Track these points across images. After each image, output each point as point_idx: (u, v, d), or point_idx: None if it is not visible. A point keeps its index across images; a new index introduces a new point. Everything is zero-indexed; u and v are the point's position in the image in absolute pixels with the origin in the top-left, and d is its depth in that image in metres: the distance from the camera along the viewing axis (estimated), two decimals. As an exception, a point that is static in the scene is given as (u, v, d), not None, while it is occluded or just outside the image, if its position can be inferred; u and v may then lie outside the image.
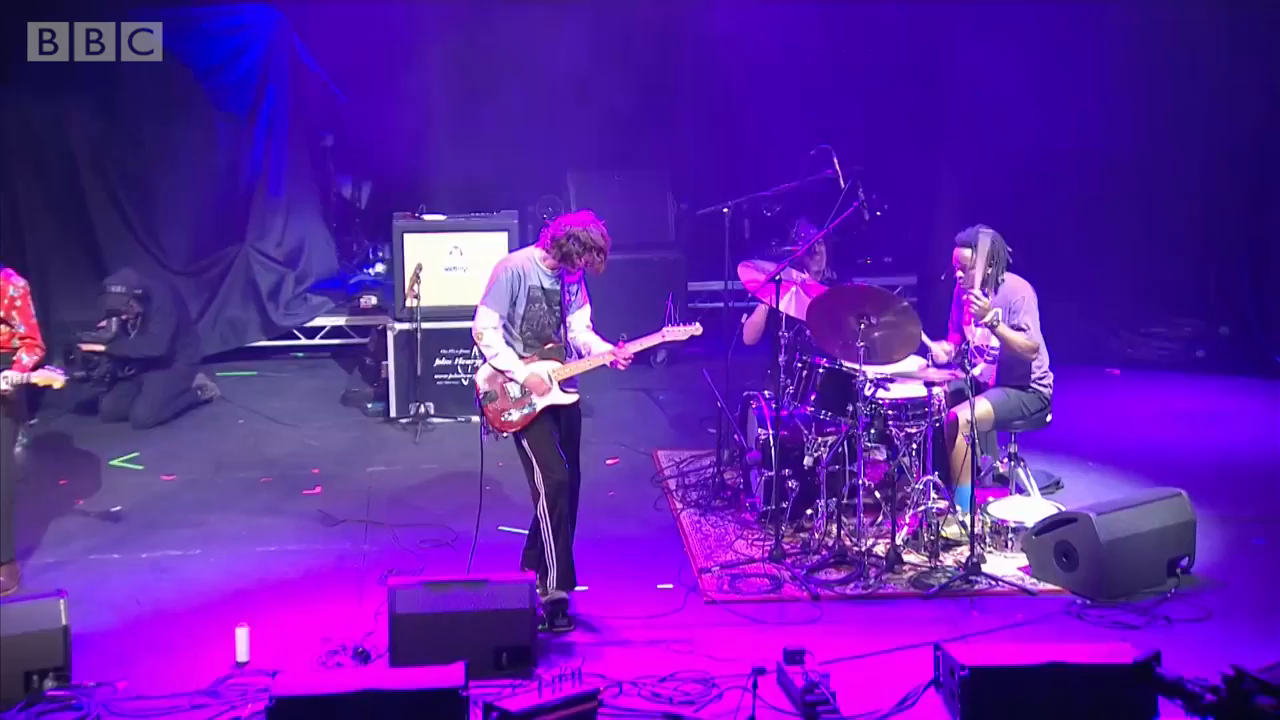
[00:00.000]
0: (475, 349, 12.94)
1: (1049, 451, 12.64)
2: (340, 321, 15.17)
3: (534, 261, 10.08)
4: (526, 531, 11.06)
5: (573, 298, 10.29)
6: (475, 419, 13.31)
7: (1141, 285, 13.16)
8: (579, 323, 10.30)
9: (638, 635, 10.14)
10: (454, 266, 13.83)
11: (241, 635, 9.63)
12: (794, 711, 9.06)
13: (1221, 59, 14.83)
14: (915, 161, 14.15)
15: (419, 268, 13.64)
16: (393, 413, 13.87)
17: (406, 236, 13.81)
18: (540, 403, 10.15)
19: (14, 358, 10.54)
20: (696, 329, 10.47)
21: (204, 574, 10.99)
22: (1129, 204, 14.33)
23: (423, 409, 13.73)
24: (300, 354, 15.12)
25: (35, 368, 10.59)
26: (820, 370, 11.36)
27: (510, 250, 13.82)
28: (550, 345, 10.19)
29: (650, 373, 14.58)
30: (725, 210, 12.47)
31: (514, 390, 10.14)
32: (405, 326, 13.74)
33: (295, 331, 15.18)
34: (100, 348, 13.36)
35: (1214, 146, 15.08)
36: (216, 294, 14.60)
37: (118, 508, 12.06)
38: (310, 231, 15.13)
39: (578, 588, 10.34)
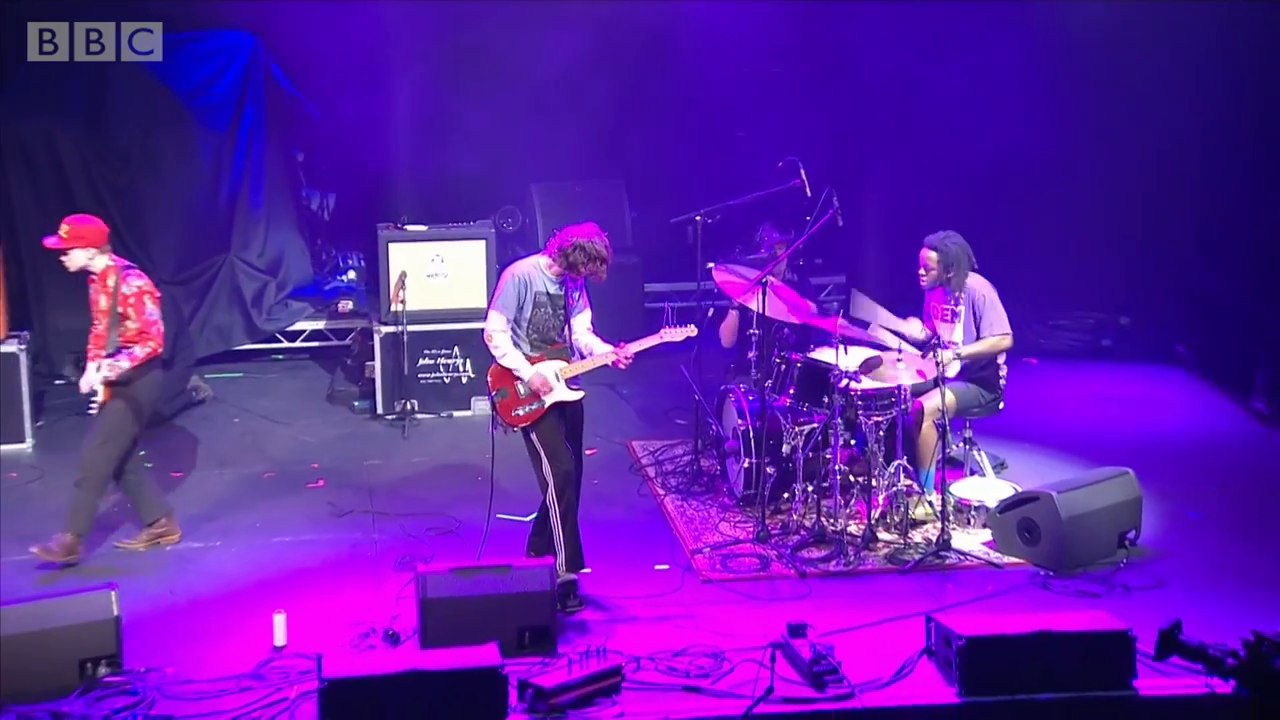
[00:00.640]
0: (456, 350, 13.12)
1: (989, 435, 12.67)
2: (320, 325, 15.17)
3: (540, 269, 10.19)
4: (523, 518, 11.16)
5: (575, 302, 10.36)
6: (456, 414, 13.54)
7: (1051, 281, 13.28)
8: (581, 325, 10.44)
9: (643, 613, 10.24)
10: (435, 273, 13.84)
11: (279, 621, 9.66)
12: (802, 681, 9.14)
13: (1138, 80, 14.94)
14: (843, 167, 14.07)
15: (403, 275, 13.66)
16: (379, 410, 13.86)
17: (390, 246, 13.84)
18: (548, 399, 10.18)
19: (128, 350, 10.72)
20: (692, 330, 10.66)
21: (227, 565, 11.00)
22: (1044, 207, 14.43)
23: (408, 406, 13.70)
24: (280, 356, 14.98)
25: (145, 360, 10.80)
26: (798, 365, 11.39)
27: (485, 258, 13.91)
28: (555, 346, 10.29)
29: (611, 369, 14.58)
30: (698, 218, 12.51)
31: (522, 389, 10.15)
32: (391, 329, 13.73)
33: (277, 335, 15.11)
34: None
35: (1123, 157, 15.24)
36: (204, 301, 14.56)
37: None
38: (288, 242, 15.14)
39: (583, 570, 10.36)
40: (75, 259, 10.92)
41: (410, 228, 14.03)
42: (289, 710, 8.86)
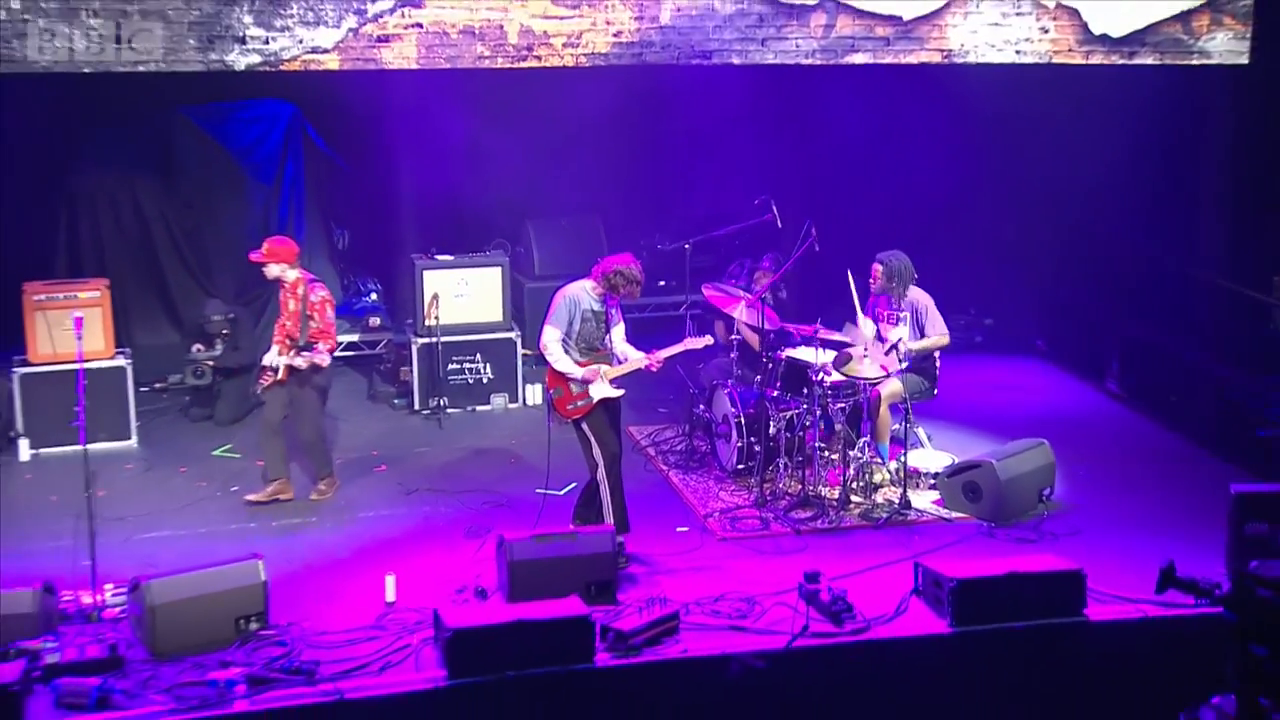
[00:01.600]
0: (478, 356, 12.97)
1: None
2: (354, 338, 14.92)
3: (586, 291, 10.26)
4: (559, 492, 11.15)
5: (613, 317, 10.48)
6: (479, 409, 13.41)
7: (934, 290, 13.30)
8: (618, 335, 10.54)
9: (678, 566, 10.24)
10: (461, 294, 13.70)
11: (390, 581, 9.62)
12: (823, 619, 9.13)
13: (1023, 136, 15.00)
14: (805, 203, 13.98)
15: (435, 295, 13.50)
16: (416, 406, 13.67)
17: (425, 272, 13.64)
18: (595, 396, 10.17)
19: (314, 345, 11.23)
20: (709, 339, 10.86)
21: (325, 537, 10.87)
22: (943, 234, 14.45)
23: (441, 402, 13.50)
24: None
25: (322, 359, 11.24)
26: (782, 362, 11.39)
27: (501, 281, 13.86)
28: (598, 353, 10.39)
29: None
30: (686, 246, 12.41)
31: (575, 387, 10.11)
32: (425, 340, 13.56)
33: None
34: (211, 362, 13.16)
35: (1003, 194, 15.32)
36: (260, 319, 14.20)
37: (235, 488, 11.73)
38: (324, 270, 14.87)
39: (626, 533, 10.30)
40: (271, 270, 11.30)
41: (440, 257, 13.86)
42: (414, 655, 8.80)
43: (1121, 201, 14.36)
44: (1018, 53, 13.66)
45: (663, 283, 15.24)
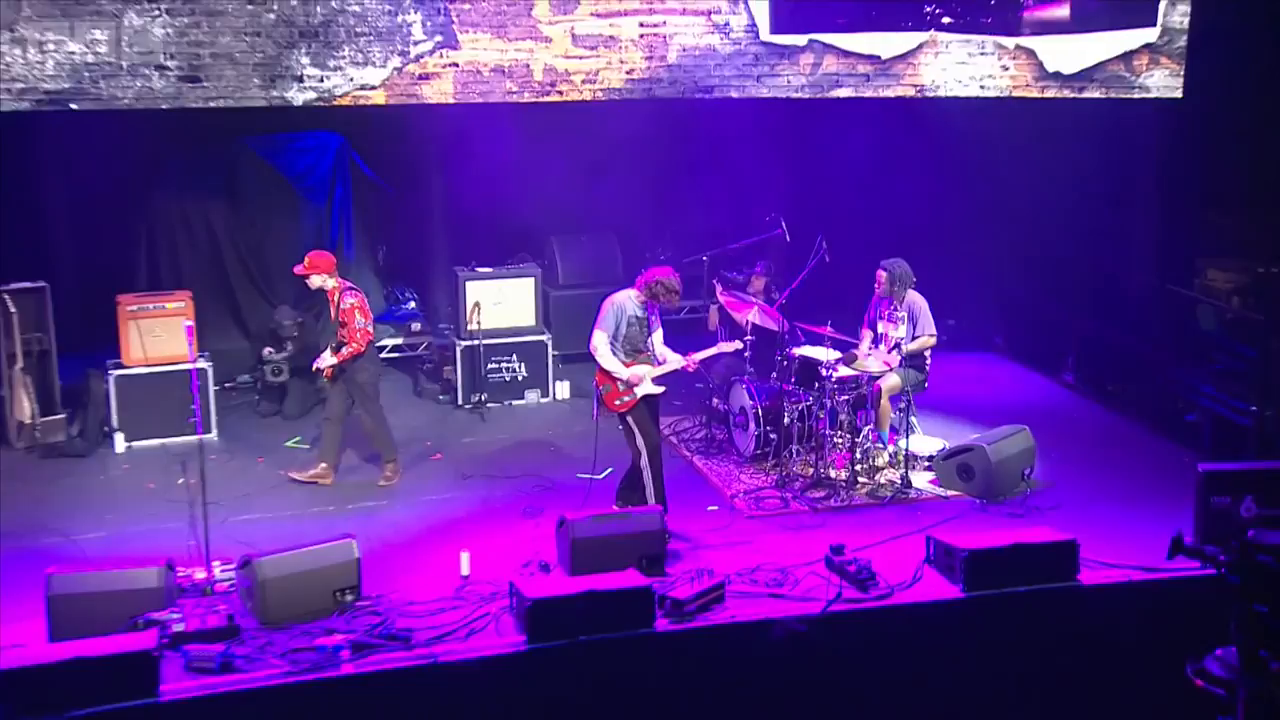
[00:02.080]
0: (514, 356, 12.90)
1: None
2: (398, 341, 14.79)
3: (630, 299, 10.24)
4: (598, 477, 11.11)
5: (654, 323, 10.41)
6: (515, 403, 13.39)
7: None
8: (658, 339, 10.53)
9: (713, 541, 10.20)
10: (499, 302, 13.61)
11: (464, 557, 9.59)
12: (850, 586, 9.16)
13: (994, 161, 14.85)
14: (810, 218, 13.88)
15: (477, 303, 13.40)
16: (459, 401, 13.56)
17: (468, 283, 13.55)
18: (639, 392, 10.16)
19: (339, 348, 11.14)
20: (739, 344, 10.79)
21: (398, 518, 10.77)
22: (921, 245, 14.18)
23: (482, 397, 13.42)
24: None
25: (349, 356, 11.15)
26: (797, 360, 11.37)
27: (534, 291, 13.83)
28: (641, 355, 10.38)
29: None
30: (705, 259, 12.37)
31: (620, 385, 10.12)
32: (468, 343, 13.46)
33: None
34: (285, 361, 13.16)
35: (970, 210, 15.19)
36: (318, 326, 13.96)
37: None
38: (370, 282, 14.88)
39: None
40: (313, 281, 11.20)
41: (480, 269, 13.77)
42: (493, 622, 8.78)
43: (1072, 214, 14.34)
44: (982, 87, 13.72)
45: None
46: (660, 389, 10.29)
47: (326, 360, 11.13)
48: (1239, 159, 13.30)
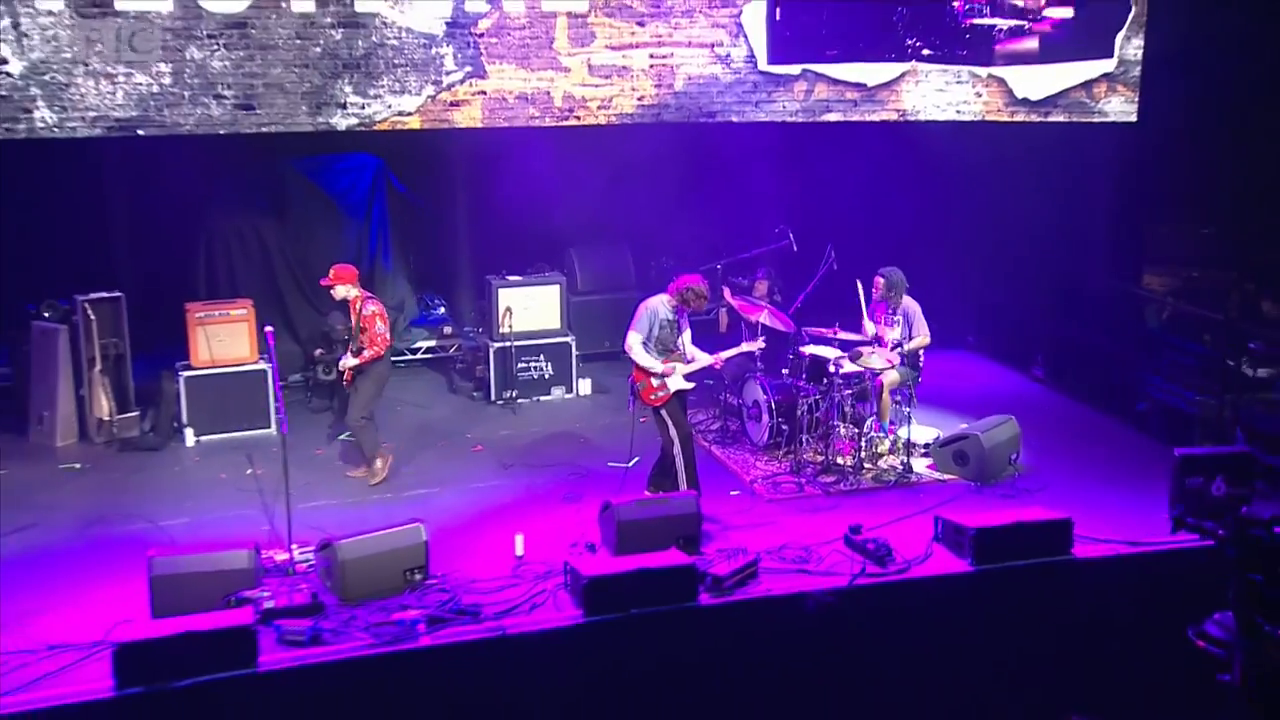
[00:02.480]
0: (541, 356, 12.84)
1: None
2: (431, 343, 14.77)
3: (663, 304, 10.21)
4: (627, 465, 11.07)
5: (683, 325, 10.33)
6: (543, 399, 13.35)
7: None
8: (686, 340, 10.52)
9: (739, 523, 10.13)
10: (527, 307, 13.53)
11: (519, 539, 9.55)
12: (869, 562, 9.18)
13: (971, 178, 14.77)
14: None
15: (509, 309, 13.35)
16: (491, 397, 13.46)
17: (500, 290, 13.48)
18: (672, 388, 10.11)
19: (360, 351, 10.93)
20: (761, 343, 10.69)
21: (451, 504, 10.63)
22: (907, 253, 14.09)
23: (513, 394, 13.35)
24: (401, 364, 14.41)
25: (370, 360, 10.95)
26: (807, 357, 11.36)
27: (559, 296, 13.77)
28: (672, 354, 10.33)
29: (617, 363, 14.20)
30: (719, 268, 12.34)
31: (655, 381, 10.06)
32: (500, 344, 13.39)
33: (405, 350, 14.57)
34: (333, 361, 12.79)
35: (940, 216, 15.07)
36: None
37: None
38: (406, 290, 14.88)
39: (694, 498, 10.19)
40: (338, 291, 11.10)
41: (510, 277, 13.69)
42: (550, 598, 8.75)
43: (1037, 225, 14.33)
44: (958, 112, 13.78)
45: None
46: (690, 384, 10.29)
47: (349, 362, 10.94)
48: (1184, 177, 13.36)
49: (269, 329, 9.89)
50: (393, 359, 14.27)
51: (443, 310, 15.03)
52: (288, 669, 7.83)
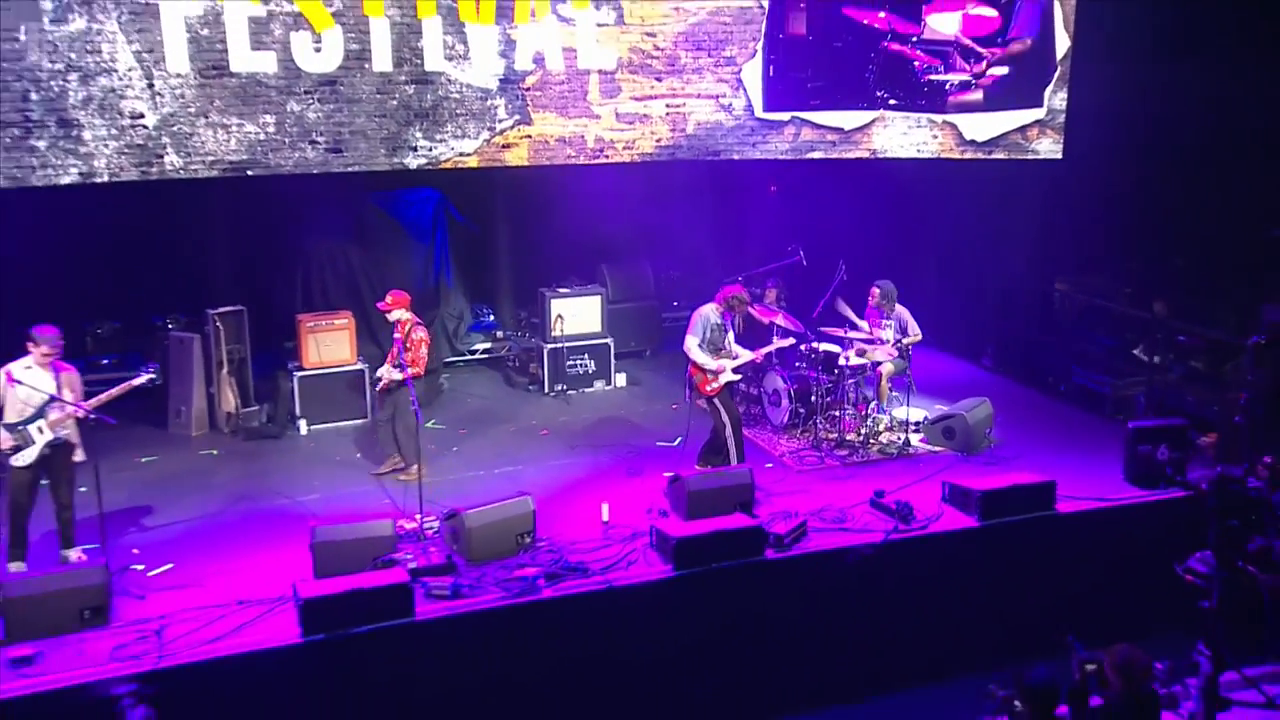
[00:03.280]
0: (586, 355, 12.80)
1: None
2: (487, 345, 14.66)
3: (712, 310, 10.29)
4: (673, 444, 11.06)
5: (730, 328, 10.26)
6: (587, 390, 13.34)
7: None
8: (730, 340, 10.41)
9: (779, 490, 10.12)
10: (575, 314, 13.47)
11: (605, 507, 9.54)
12: (893, 520, 9.24)
13: (924, 201, 14.75)
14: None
15: (559, 316, 13.31)
16: (545, 390, 13.37)
17: (552, 300, 13.41)
18: (723, 380, 10.14)
19: (406, 367, 10.23)
20: (792, 340, 10.65)
21: (537, 478, 10.51)
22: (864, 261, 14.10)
23: (564, 387, 13.32)
24: (460, 363, 14.34)
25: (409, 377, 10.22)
26: (819, 352, 11.38)
27: (600, 305, 13.71)
28: (721, 351, 10.26)
29: (642, 360, 14.24)
30: (739, 279, 12.31)
31: (709, 375, 10.11)
32: (552, 345, 13.33)
33: (465, 352, 14.47)
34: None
35: (903, 235, 14.87)
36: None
37: (455, 449, 11.40)
38: (464, 302, 14.64)
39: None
40: (394, 314, 10.56)
41: (560, 289, 13.61)
42: (641, 556, 8.77)
43: (983, 241, 14.31)
44: (918, 150, 13.85)
45: (676, 303, 15.24)
46: (738, 376, 10.32)
47: (390, 374, 10.41)
48: (1099, 202, 13.50)
49: (397, 336, 9.80)
50: (456, 359, 14.37)
51: (492, 318, 14.94)
52: (438, 618, 7.86)
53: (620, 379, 13.61)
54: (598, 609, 8.19)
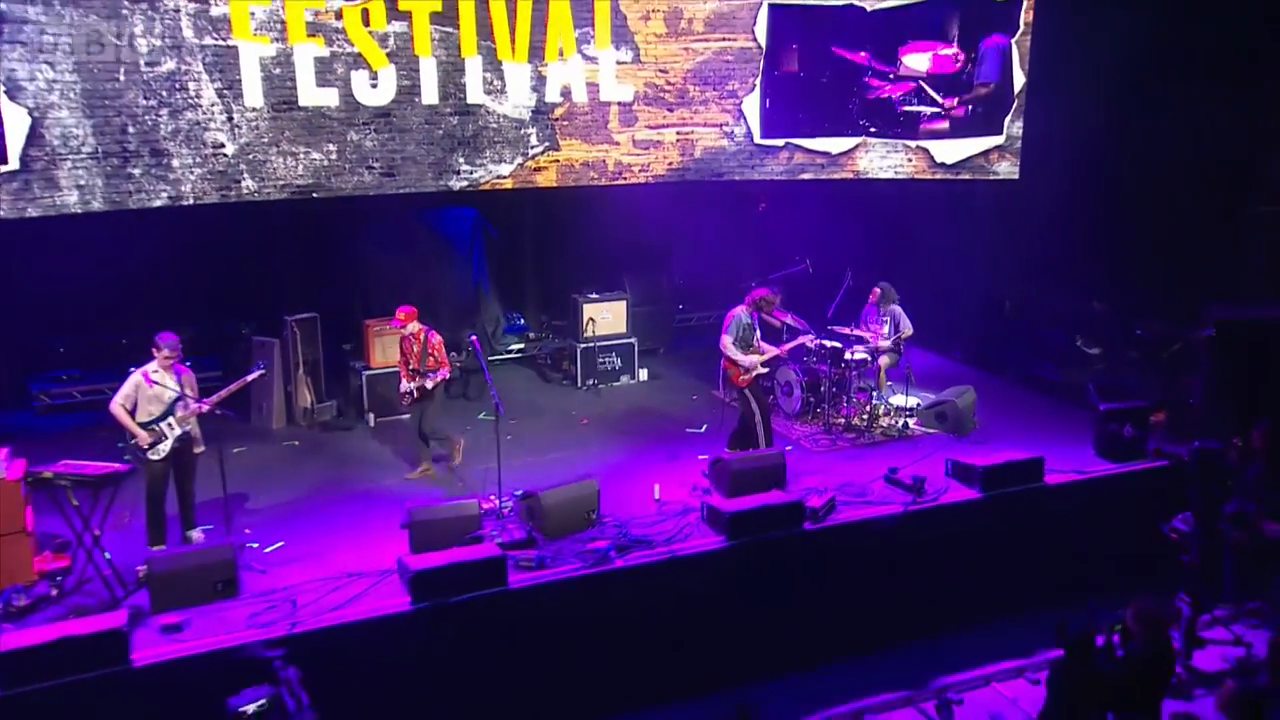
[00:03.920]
0: (613, 353, 12.78)
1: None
2: (520, 346, 14.59)
3: (743, 312, 10.38)
4: (700, 430, 11.06)
5: (758, 327, 10.25)
6: (615, 384, 13.18)
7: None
8: (757, 337, 10.32)
9: (802, 469, 10.09)
10: (605, 316, 13.48)
11: (656, 487, 9.52)
12: (907, 492, 9.32)
13: (901, 216, 14.74)
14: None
15: (591, 319, 13.33)
16: (578, 384, 13.37)
17: (584, 305, 13.41)
18: (752, 373, 10.12)
19: (433, 374, 10.09)
20: (813, 336, 10.66)
21: (587, 462, 10.40)
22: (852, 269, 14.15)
23: (595, 382, 13.34)
24: (499, 361, 14.31)
25: (441, 381, 10.24)
26: (827, 347, 11.42)
27: (626, 309, 13.68)
28: (751, 348, 10.27)
29: (656, 357, 14.15)
30: (754, 285, 12.37)
31: (741, 369, 10.14)
32: (585, 345, 13.35)
33: (502, 351, 14.37)
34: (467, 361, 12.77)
35: (884, 246, 14.68)
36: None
37: (509, 437, 11.07)
38: (495, 310, 14.60)
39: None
40: (409, 327, 10.30)
41: (591, 295, 13.58)
42: (694, 530, 8.79)
43: (951, 249, 14.36)
44: (895, 172, 13.97)
45: (681, 306, 15.25)
46: (765, 369, 10.35)
47: (422, 382, 10.10)
48: (1049, 215, 13.62)
49: (474, 337, 9.77)
50: (494, 358, 14.33)
51: (522, 321, 14.91)
52: (527, 587, 7.90)
53: (643, 374, 13.64)
54: (662, 576, 8.28)
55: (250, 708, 5.53)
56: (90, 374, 12.05)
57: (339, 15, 11.28)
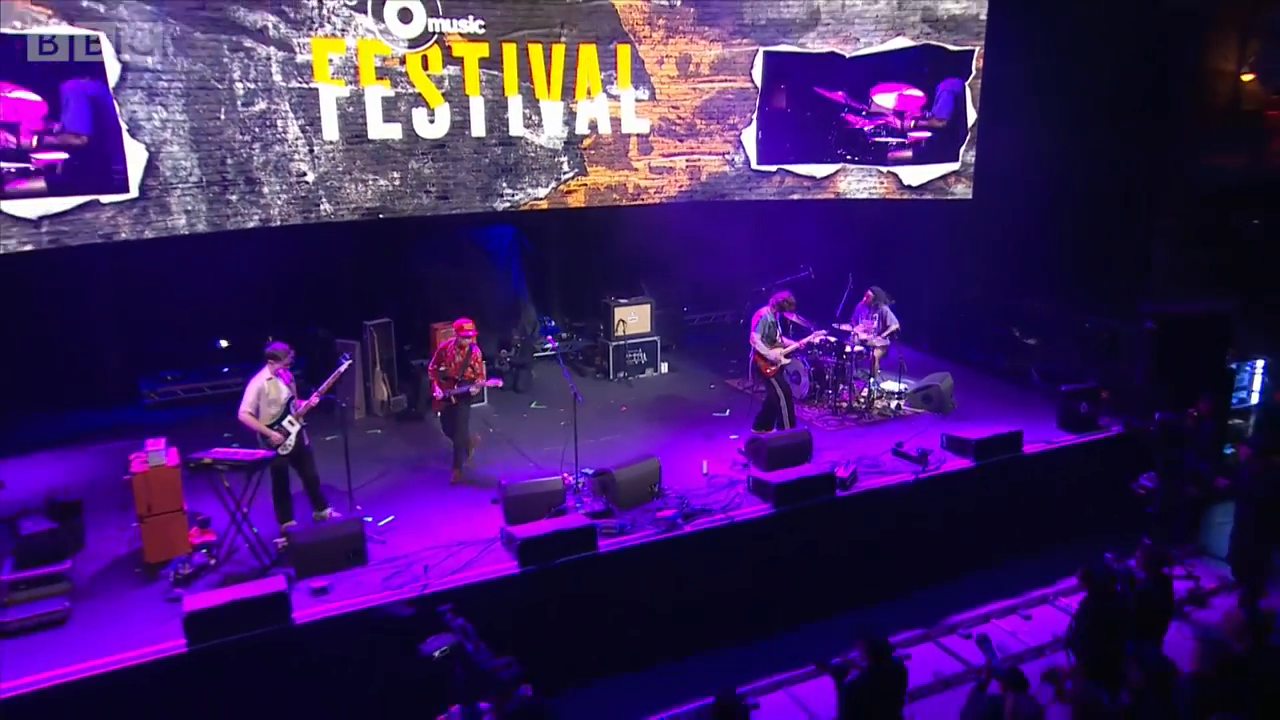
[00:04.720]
0: (640, 349, 12.73)
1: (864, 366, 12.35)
2: (556, 344, 14.24)
3: (768, 312, 10.23)
4: (724, 414, 11.04)
5: (780, 325, 10.28)
6: (642, 376, 13.15)
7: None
8: (780, 334, 10.32)
9: (818, 446, 9.95)
10: (633, 318, 13.48)
11: (704, 463, 9.54)
12: (913, 462, 9.50)
13: (876, 231, 14.55)
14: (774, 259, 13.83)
15: (621, 320, 13.30)
16: (610, 376, 13.34)
17: (615, 309, 13.38)
18: (778, 366, 10.14)
19: (471, 382, 9.58)
20: (825, 333, 10.68)
21: (636, 445, 10.30)
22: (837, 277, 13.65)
23: (625, 374, 13.34)
24: (539, 358, 14.13)
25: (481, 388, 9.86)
26: (832, 339, 11.50)
27: (650, 311, 13.63)
28: (775, 344, 10.18)
29: (670, 353, 13.98)
30: (764, 289, 12.43)
31: (769, 362, 10.11)
32: (616, 343, 13.33)
33: (538, 349, 14.20)
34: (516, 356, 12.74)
35: (863, 258, 14.47)
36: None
37: (563, 424, 10.97)
38: (533, 313, 14.41)
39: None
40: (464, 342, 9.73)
41: (620, 300, 13.56)
42: (742, 499, 8.88)
43: (918, 256, 14.51)
44: (869, 193, 14.09)
45: (685, 308, 15.17)
46: (788, 361, 10.31)
47: (475, 386, 9.59)
48: (997, 228, 13.55)
49: (550, 338, 9.72)
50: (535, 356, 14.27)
51: (553, 323, 14.85)
52: (611, 551, 7.99)
53: (665, 367, 13.66)
54: (722, 539, 8.44)
55: (438, 652, 5.60)
56: (191, 374, 11.97)
57: (403, 61, 11.26)
